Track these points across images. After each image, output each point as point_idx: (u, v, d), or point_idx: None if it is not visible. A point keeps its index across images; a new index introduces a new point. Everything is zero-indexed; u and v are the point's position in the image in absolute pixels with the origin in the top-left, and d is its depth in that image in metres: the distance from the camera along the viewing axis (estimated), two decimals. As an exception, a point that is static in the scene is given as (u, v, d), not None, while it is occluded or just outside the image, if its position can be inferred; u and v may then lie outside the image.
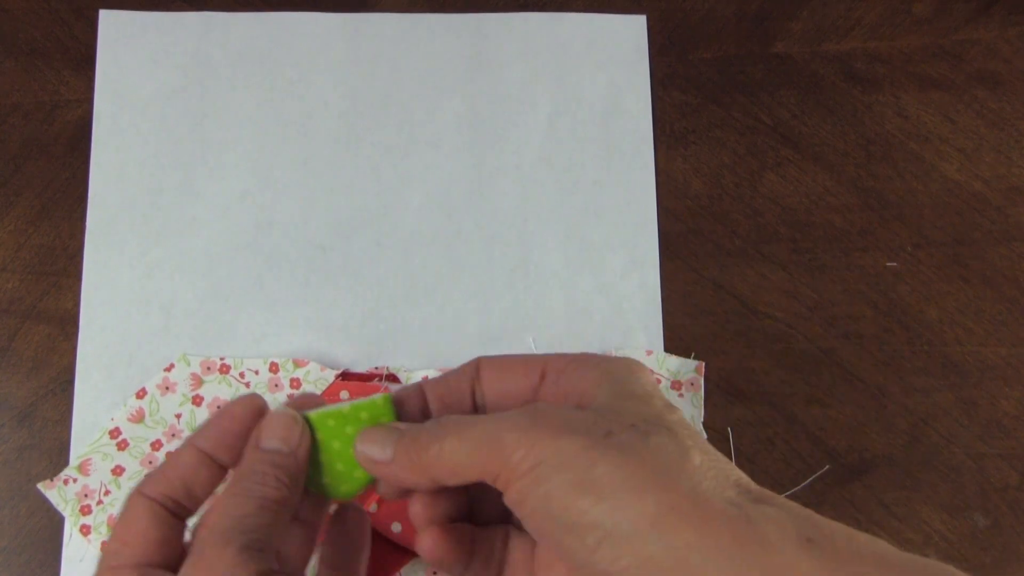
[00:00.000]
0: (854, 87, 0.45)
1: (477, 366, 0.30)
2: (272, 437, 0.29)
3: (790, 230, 0.44)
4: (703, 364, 0.41)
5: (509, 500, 0.27)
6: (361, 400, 0.32)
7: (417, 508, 0.29)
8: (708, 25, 0.46)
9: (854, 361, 0.42)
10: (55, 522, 0.39)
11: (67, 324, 0.41)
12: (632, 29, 0.45)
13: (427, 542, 0.29)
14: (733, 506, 0.23)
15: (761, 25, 0.46)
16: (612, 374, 0.29)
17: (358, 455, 0.30)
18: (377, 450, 0.29)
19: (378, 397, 0.32)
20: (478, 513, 0.31)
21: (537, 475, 0.26)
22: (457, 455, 0.27)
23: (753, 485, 0.25)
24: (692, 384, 0.41)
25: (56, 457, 0.40)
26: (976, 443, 0.42)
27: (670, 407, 0.27)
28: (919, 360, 0.42)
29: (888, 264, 0.43)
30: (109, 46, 0.44)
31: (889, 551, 0.23)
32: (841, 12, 0.46)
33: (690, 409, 0.40)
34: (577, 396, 0.29)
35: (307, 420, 0.30)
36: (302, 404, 0.30)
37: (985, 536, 0.41)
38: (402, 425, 0.30)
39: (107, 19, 0.44)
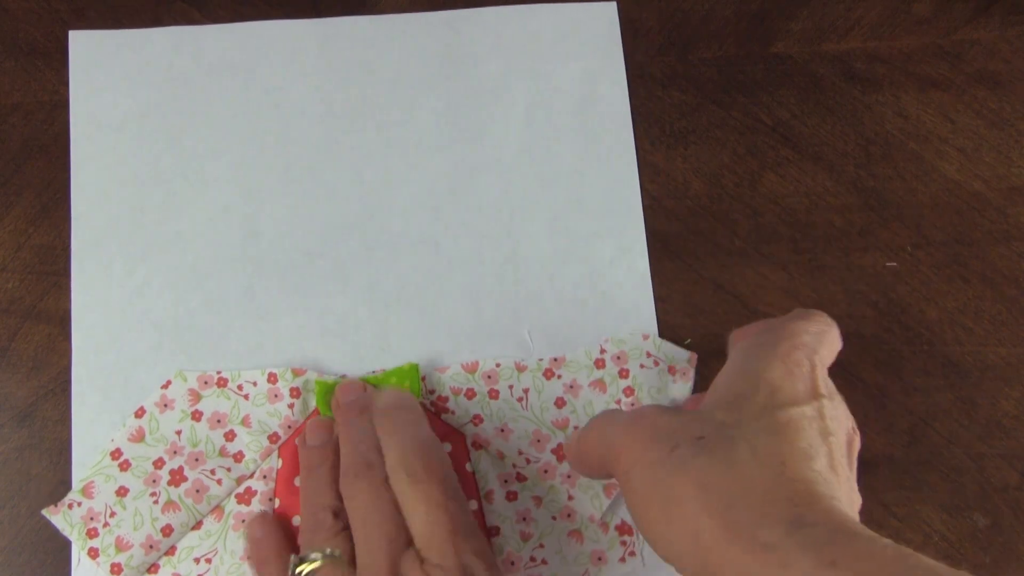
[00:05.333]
0: (854, 87, 0.45)
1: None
2: (346, 395, 0.38)
3: (790, 230, 0.44)
4: (695, 356, 0.41)
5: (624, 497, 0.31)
6: (392, 368, 0.40)
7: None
8: (708, 25, 0.46)
9: (854, 361, 0.42)
10: (55, 522, 0.39)
11: (67, 324, 0.41)
12: (602, 16, 0.45)
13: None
14: (762, 529, 0.25)
15: (761, 25, 0.46)
16: (738, 368, 0.32)
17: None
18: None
19: (405, 365, 0.39)
20: None
21: (626, 481, 0.30)
22: (589, 448, 0.33)
23: (804, 498, 0.26)
24: (684, 374, 0.41)
25: (56, 457, 0.40)
26: (976, 443, 0.42)
27: (767, 410, 0.29)
28: (919, 360, 0.42)
29: (888, 264, 0.43)
30: (81, 67, 0.43)
31: (914, 564, 0.23)
32: (841, 12, 0.46)
33: (681, 400, 0.40)
34: (712, 387, 0.33)
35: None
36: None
37: (985, 536, 0.41)
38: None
39: (77, 40, 0.44)
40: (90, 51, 0.43)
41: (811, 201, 0.44)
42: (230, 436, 0.39)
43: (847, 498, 0.28)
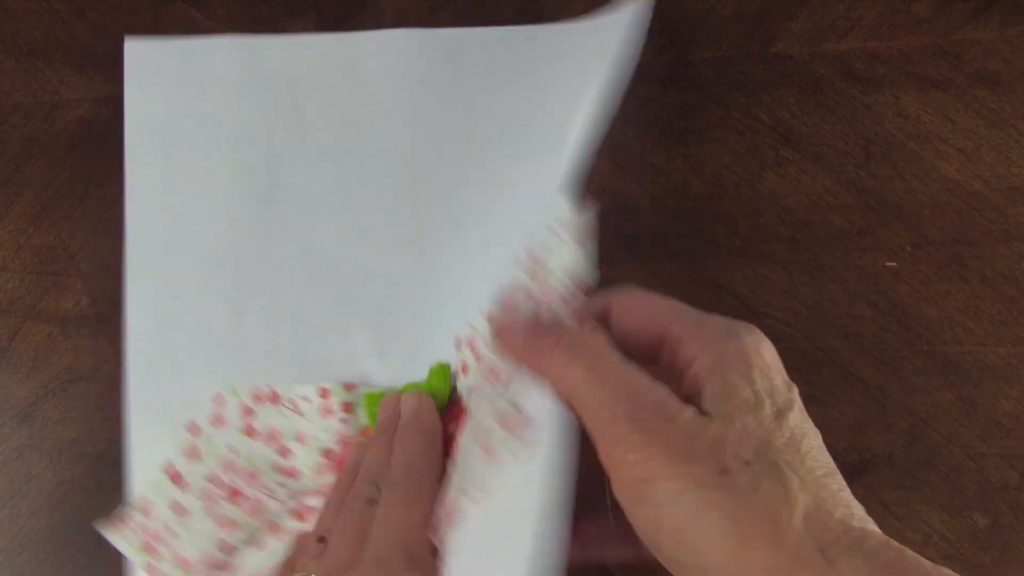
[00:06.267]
0: (854, 87, 0.45)
1: (607, 305, 0.31)
2: (408, 410, 0.38)
3: (790, 230, 0.44)
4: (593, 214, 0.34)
5: (614, 488, 0.28)
6: (430, 373, 0.39)
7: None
8: (708, 25, 0.46)
9: (854, 361, 0.42)
10: (55, 522, 0.39)
11: (67, 324, 0.41)
12: (620, 32, 0.42)
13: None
14: (829, 552, 0.25)
15: (761, 25, 0.46)
16: (724, 363, 0.29)
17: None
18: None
19: (435, 365, 0.39)
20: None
21: (648, 491, 0.27)
22: (585, 394, 0.28)
23: (855, 522, 0.26)
24: (580, 242, 0.34)
25: (56, 457, 0.40)
26: (976, 443, 0.42)
27: (780, 414, 0.28)
28: (919, 360, 0.42)
29: (888, 264, 0.44)
30: (136, 76, 0.43)
31: None
32: (841, 12, 0.46)
33: (566, 265, 0.33)
34: (690, 381, 0.29)
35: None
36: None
37: (985, 536, 0.41)
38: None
39: (132, 48, 0.43)
40: (144, 60, 0.43)
41: (811, 201, 0.44)
42: (284, 452, 0.39)
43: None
